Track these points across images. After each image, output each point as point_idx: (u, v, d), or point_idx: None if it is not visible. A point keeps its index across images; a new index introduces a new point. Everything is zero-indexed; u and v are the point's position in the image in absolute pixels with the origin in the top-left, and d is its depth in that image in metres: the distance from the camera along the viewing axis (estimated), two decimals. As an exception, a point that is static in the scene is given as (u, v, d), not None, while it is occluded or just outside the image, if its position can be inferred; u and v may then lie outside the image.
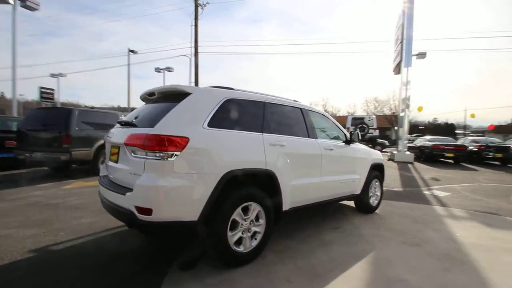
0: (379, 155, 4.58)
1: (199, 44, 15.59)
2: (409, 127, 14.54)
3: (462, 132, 35.87)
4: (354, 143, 3.92)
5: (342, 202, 4.29)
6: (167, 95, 2.60)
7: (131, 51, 25.54)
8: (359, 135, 3.92)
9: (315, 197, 3.22)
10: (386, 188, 5.33)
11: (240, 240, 2.37)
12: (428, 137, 15.53)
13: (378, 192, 4.44)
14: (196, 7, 15.27)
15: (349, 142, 3.82)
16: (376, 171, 4.36)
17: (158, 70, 28.41)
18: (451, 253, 2.83)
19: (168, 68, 28.29)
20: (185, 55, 21.86)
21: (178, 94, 2.42)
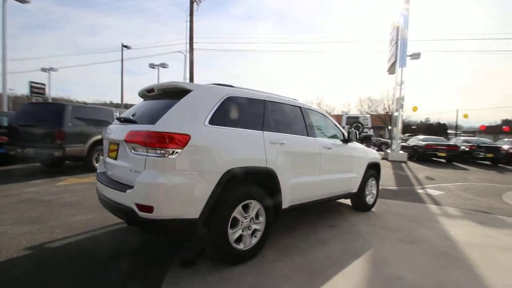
0: (376, 154, 4.63)
1: (194, 41, 15.44)
2: (402, 127, 14.73)
3: (454, 132, 36.46)
4: (352, 142, 3.95)
5: (339, 200, 4.33)
6: (167, 92, 2.57)
7: (125, 46, 25.19)
8: (357, 134, 3.95)
9: (313, 195, 3.24)
10: (381, 187, 5.39)
11: (240, 238, 2.37)
12: (421, 136, 15.74)
13: (374, 190, 4.49)
14: (192, 3, 15.06)
15: (346, 141, 3.85)
16: (373, 170, 4.41)
17: (152, 66, 28.05)
18: (446, 250, 2.88)
19: (163, 64, 27.94)
20: (180, 51, 21.59)
21: (178, 91, 2.40)
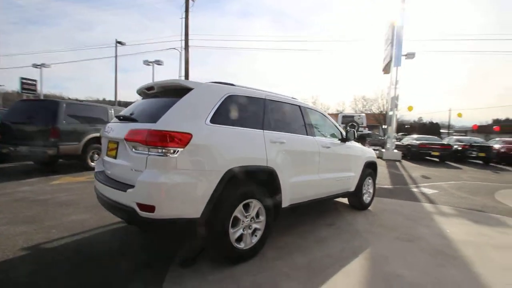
0: (373, 153, 4.67)
1: (189, 38, 15.32)
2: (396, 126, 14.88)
3: (446, 131, 37.01)
4: (350, 141, 3.97)
5: (336, 199, 4.36)
6: (167, 90, 2.55)
7: (119, 42, 24.81)
8: (355, 134, 3.98)
9: (312, 194, 3.25)
10: (377, 186, 5.43)
11: (241, 237, 2.37)
12: (415, 135, 15.93)
13: (371, 189, 4.54)
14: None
15: (345, 140, 3.87)
16: (370, 169, 4.45)
17: (147, 63, 27.71)
18: (442, 249, 2.93)
19: (157, 61, 27.62)
20: (175, 48, 21.40)
21: (179, 89, 2.38)
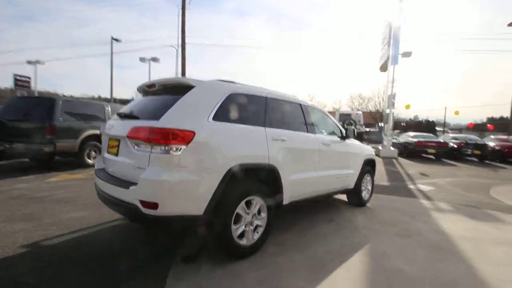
0: (371, 151, 4.71)
1: (186, 35, 15.21)
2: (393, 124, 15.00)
3: (442, 129, 37.37)
4: (349, 139, 4.00)
5: (335, 196, 4.40)
6: (168, 88, 2.54)
7: (115, 39, 24.56)
8: (355, 131, 4.01)
9: (312, 191, 3.28)
10: (375, 183, 5.49)
11: (243, 234, 2.38)
12: (411, 133, 16.03)
13: (370, 186, 4.58)
14: (184, -3, 14.82)
15: (344, 138, 3.89)
16: (368, 166, 4.48)
17: (143, 60, 27.45)
18: (440, 244, 2.97)
19: (154, 58, 27.37)
20: (172, 45, 21.26)
21: (181, 86, 2.37)
